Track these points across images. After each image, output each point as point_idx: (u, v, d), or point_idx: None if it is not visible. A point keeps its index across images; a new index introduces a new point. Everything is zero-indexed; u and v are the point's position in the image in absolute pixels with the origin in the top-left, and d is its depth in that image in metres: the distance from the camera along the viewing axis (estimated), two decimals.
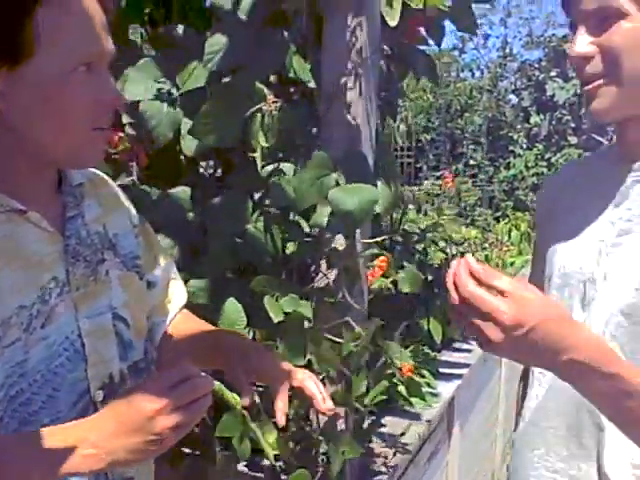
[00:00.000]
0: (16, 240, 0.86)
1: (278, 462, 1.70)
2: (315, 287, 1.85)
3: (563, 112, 12.01)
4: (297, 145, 1.84)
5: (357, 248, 1.87)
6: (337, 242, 1.84)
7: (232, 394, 0.96)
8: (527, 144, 12.15)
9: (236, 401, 0.95)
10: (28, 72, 0.81)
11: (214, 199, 1.79)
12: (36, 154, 0.88)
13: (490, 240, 6.13)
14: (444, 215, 3.03)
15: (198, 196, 1.84)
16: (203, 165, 2.02)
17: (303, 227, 1.83)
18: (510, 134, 12.35)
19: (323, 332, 1.71)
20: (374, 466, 2.04)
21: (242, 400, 0.94)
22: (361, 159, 1.78)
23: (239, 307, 1.66)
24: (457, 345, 3.20)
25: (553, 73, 11.99)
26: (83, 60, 0.84)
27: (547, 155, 11.70)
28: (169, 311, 1.14)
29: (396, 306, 2.62)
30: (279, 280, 1.76)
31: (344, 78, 1.82)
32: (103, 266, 0.96)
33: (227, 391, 0.89)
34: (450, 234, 3.55)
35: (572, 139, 11.89)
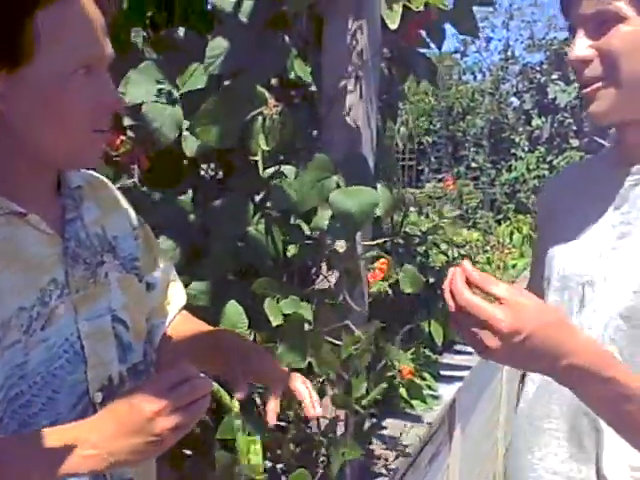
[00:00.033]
0: (16, 242, 0.86)
1: (279, 464, 1.70)
2: (316, 289, 1.85)
3: (565, 115, 12.01)
4: (298, 148, 1.84)
5: (358, 250, 1.88)
6: (338, 244, 1.84)
7: (232, 400, 0.96)
8: (529, 147, 12.15)
9: (233, 404, 0.95)
10: (28, 74, 0.81)
11: (215, 202, 1.79)
12: (36, 156, 0.88)
13: (492, 243, 6.13)
14: (444, 218, 3.03)
15: (199, 199, 1.84)
16: (204, 167, 2.03)
17: (304, 230, 1.83)
18: (512, 137, 12.35)
19: (323, 334, 1.71)
20: (374, 468, 2.05)
21: (237, 394, 0.94)
22: (361, 161, 1.78)
23: (240, 309, 1.66)
24: (458, 347, 3.20)
25: (555, 76, 11.99)
26: (83, 63, 0.84)
27: (549, 158, 11.70)
28: (168, 313, 1.13)
29: (397, 308, 2.63)
30: (280, 282, 1.76)
31: (345, 81, 1.82)
32: (102, 268, 0.96)
33: (225, 393, 0.89)
34: (451, 237, 3.56)
35: (574, 142, 11.88)
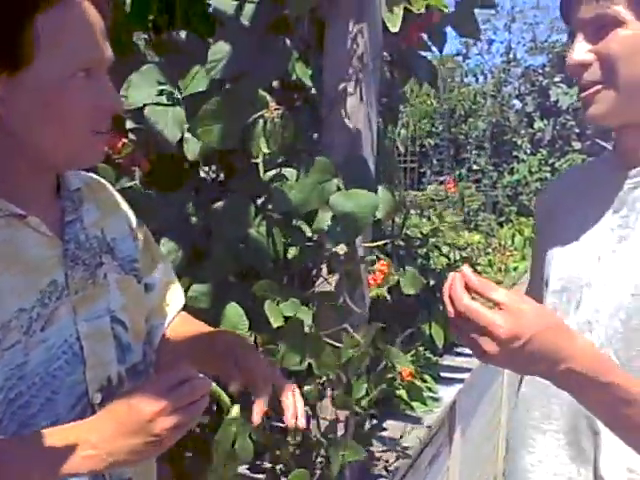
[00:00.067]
0: (16, 244, 0.86)
1: (278, 465, 1.71)
2: (316, 291, 1.86)
3: (567, 117, 12.00)
4: (299, 150, 1.84)
5: (358, 253, 1.88)
6: (338, 247, 1.84)
7: (232, 405, 0.96)
8: (531, 149, 12.13)
9: (233, 409, 0.95)
10: (28, 78, 0.82)
11: (217, 204, 1.79)
12: (36, 158, 0.88)
13: (493, 245, 6.13)
14: (445, 222, 3.04)
15: (201, 201, 1.84)
16: (206, 170, 2.03)
17: (305, 232, 1.83)
18: (514, 139, 12.33)
19: (324, 337, 1.72)
20: (374, 469, 2.05)
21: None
22: (362, 164, 1.78)
23: (241, 311, 1.67)
24: (459, 349, 3.21)
25: (557, 78, 11.98)
26: (82, 66, 0.84)
27: (551, 160, 11.69)
28: (167, 314, 1.13)
29: (397, 310, 2.63)
30: (280, 284, 1.76)
31: (345, 84, 1.82)
32: (101, 269, 0.96)
33: (223, 393, 0.89)
34: (452, 240, 3.56)
35: (576, 144, 11.87)
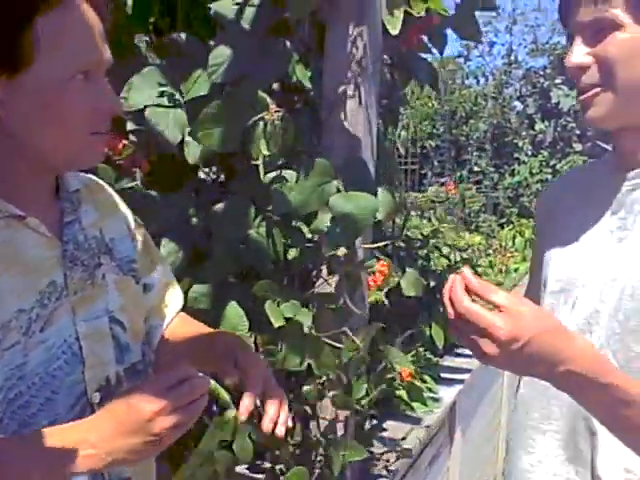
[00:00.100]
0: (15, 245, 0.87)
1: (278, 465, 1.71)
2: (316, 292, 1.86)
3: (568, 119, 11.99)
4: (299, 152, 1.85)
5: (358, 254, 1.89)
6: (338, 248, 1.85)
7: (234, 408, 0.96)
8: (532, 151, 12.13)
9: (229, 403, 0.95)
10: (27, 80, 0.82)
11: (217, 205, 1.80)
12: (36, 160, 0.89)
13: (494, 246, 6.14)
14: (444, 223, 3.04)
15: (201, 202, 1.85)
16: (206, 171, 2.04)
17: (305, 233, 1.84)
18: (515, 141, 12.33)
19: (324, 338, 1.72)
20: (375, 470, 2.06)
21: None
22: (362, 166, 1.79)
23: (241, 312, 1.67)
24: (459, 350, 3.21)
25: (558, 80, 11.97)
26: (81, 68, 0.85)
27: (552, 162, 11.68)
28: (166, 314, 1.14)
29: (398, 311, 2.63)
30: (281, 285, 1.77)
31: (345, 86, 1.83)
32: (100, 270, 0.97)
33: (222, 391, 0.90)
34: (450, 241, 3.57)
35: (577, 146, 11.86)
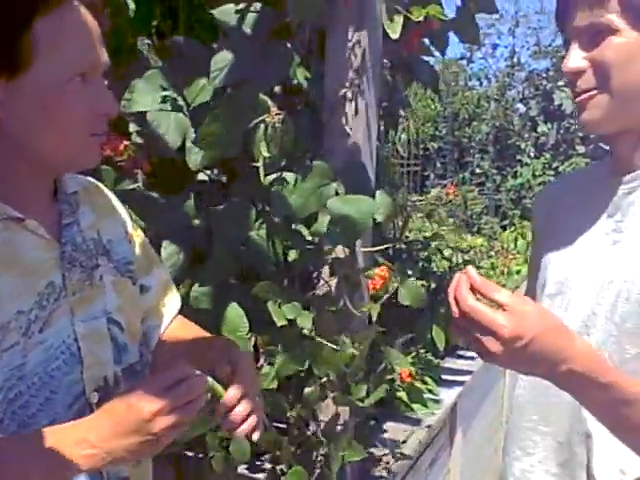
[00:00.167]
0: (14, 247, 0.88)
1: (279, 465, 1.72)
2: (316, 294, 1.87)
3: (571, 121, 11.95)
4: (299, 154, 1.86)
5: (358, 257, 1.89)
6: (338, 250, 1.86)
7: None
8: (534, 153, 12.09)
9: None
10: (26, 82, 0.84)
11: (218, 206, 1.81)
12: (35, 160, 0.90)
13: (496, 248, 6.12)
14: (444, 226, 3.04)
15: (202, 203, 1.86)
16: (207, 173, 2.05)
17: (305, 235, 1.85)
18: (517, 143, 12.29)
19: (323, 339, 1.73)
20: (375, 471, 2.06)
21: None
22: (360, 169, 1.80)
23: (241, 312, 1.68)
24: (461, 352, 3.21)
25: (561, 82, 11.93)
26: (79, 70, 0.86)
27: (554, 164, 11.64)
28: (164, 315, 1.14)
29: (399, 313, 2.63)
30: (281, 286, 1.78)
31: (346, 89, 1.84)
32: (98, 271, 0.98)
33: (218, 386, 0.90)
34: (454, 244, 3.57)
35: (580, 148, 11.82)
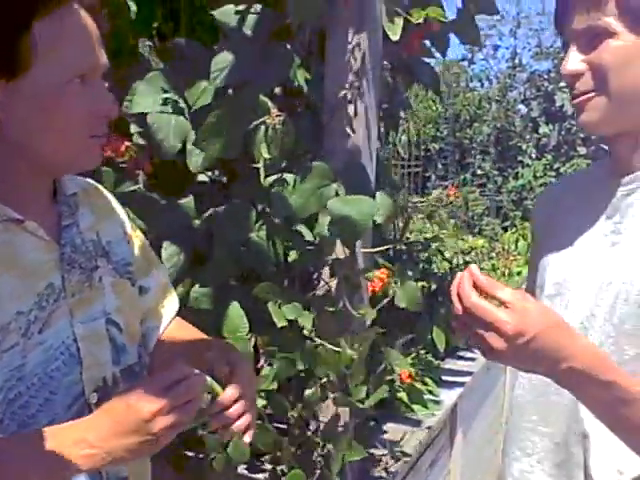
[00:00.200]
0: (14, 249, 0.88)
1: (279, 466, 1.73)
2: (317, 295, 1.88)
3: (572, 122, 11.93)
4: (300, 156, 1.87)
5: (358, 258, 1.90)
6: (339, 251, 1.86)
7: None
8: (536, 154, 12.08)
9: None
10: (25, 84, 0.84)
11: (218, 208, 1.81)
12: (35, 162, 0.90)
13: (497, 249, 6.12)
14: (444, 229, 3.04)
15: (203, 205, 1.86)
16: (208, 174, 2.05)
17: (305, 236, 1.85)
18: (519, 144, 12.29)
19: (323, 341, 1.73)
20: (374, 471, 2.06)
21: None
22: (361, 170, 1.80)
23: (242, 313, 1.69)
24: (461, 353, 3.22)
25: (562, 84, 11.92)
26: (78, 72, 0.87)
27: (556, 165, 11.64)
28: (162, 317, 1.14)
29: (399, 314, 2.64)
30: (281, 287, 1.79)
31: (346, 91, 1.84)
32: (97, 273, 0.98)
33: (217, 386, 0.91)
34: (454, 245, 3.57)
35: (581, 149, 11.81)
